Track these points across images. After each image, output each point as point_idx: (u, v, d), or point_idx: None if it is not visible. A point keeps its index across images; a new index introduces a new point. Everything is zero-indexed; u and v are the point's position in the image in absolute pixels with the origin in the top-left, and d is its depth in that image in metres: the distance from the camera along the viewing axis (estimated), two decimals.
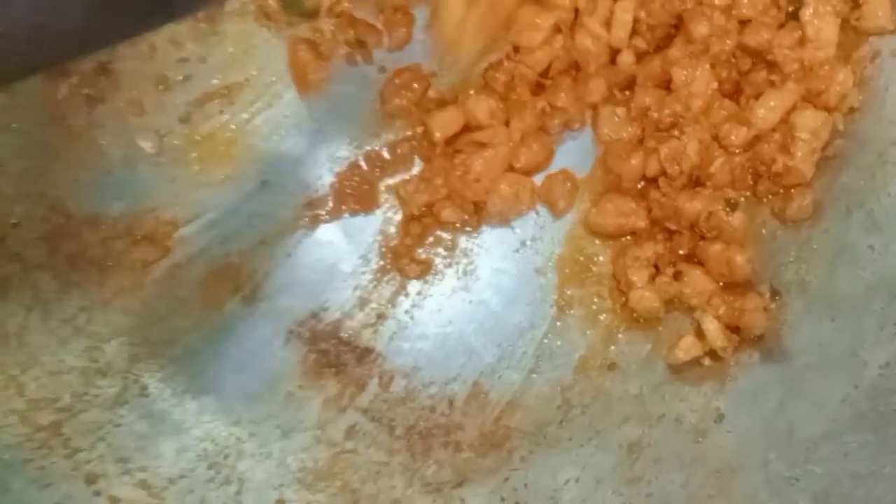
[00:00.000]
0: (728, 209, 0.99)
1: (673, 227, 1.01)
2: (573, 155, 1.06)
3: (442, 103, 1.03)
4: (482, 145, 1.03)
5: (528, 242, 1.05)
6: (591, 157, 1.05)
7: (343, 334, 1.02)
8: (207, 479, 0.97)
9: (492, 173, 1.03)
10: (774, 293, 1.01)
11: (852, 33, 1.01)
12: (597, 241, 1.05)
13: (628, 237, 1.03)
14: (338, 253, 1.04)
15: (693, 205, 0.99)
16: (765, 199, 1.02)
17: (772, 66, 1.00)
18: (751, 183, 1.02)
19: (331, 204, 1.04)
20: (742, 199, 1.01)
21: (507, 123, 1.03)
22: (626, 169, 1.02)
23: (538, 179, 1.05)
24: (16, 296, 0.97)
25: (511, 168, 1.04)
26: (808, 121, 0.99)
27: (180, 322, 1.00)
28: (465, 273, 1.05)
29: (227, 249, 1.02)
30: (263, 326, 1.02)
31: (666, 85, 1.01)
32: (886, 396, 0.93)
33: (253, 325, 1.01)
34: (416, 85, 1.03)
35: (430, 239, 1.04)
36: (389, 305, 1.04)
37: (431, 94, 1.04)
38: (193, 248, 1.02)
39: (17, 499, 0.93)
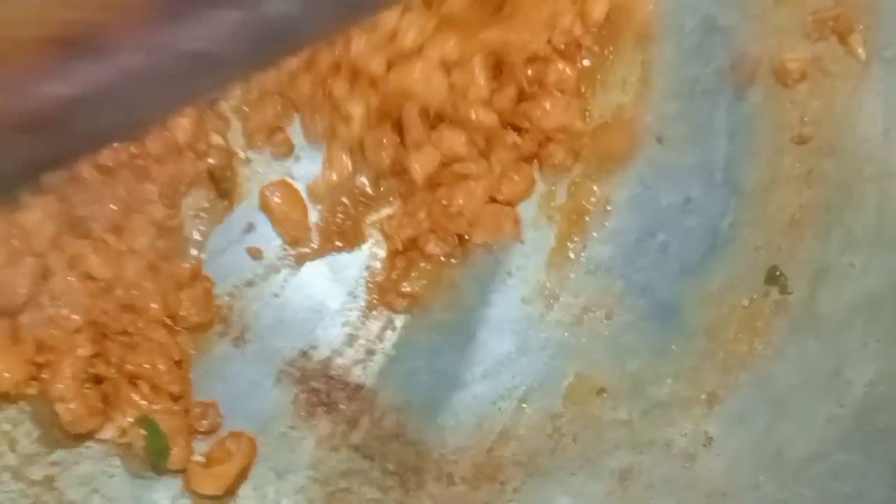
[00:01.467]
0: None
1: None
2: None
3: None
4: (463, 176, 1.03)
5: (514, 271, 1.06)
6: None
7: (333, 372, 1.02)
8: None
9: (474, 205, 1.03)
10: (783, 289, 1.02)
11: None
12: None
13: None
14: (325, 291, 1.04)
15: None
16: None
17: None
18: None
19: (316, 242, 1.04)
20: None
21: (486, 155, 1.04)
22: None
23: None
24: None
25: (493, 199, 1.04)
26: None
27: None
28: (451, 305, 1.05)
29: (216, 291, 1.03)
30: (254, 368, 1.02)
31: None
32: (872, 414, 0.95)
33: (243, 368, 1.02)
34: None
35: (415, 273, 1.05)
36: (378, 341, 1.04)
37: None
38: None
39: None
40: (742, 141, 1.04)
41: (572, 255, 1.06)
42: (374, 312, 1.04)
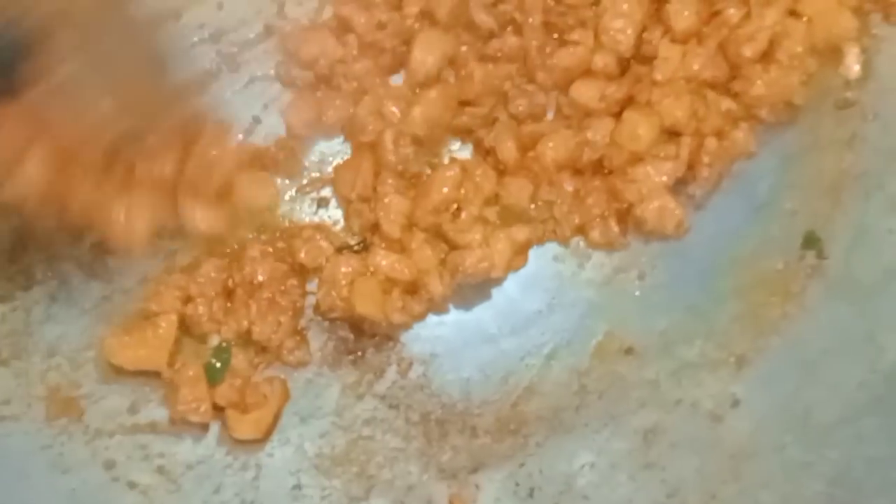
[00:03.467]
0: None
1: None
2: None
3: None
4: (639, 159, 1.01)
5: None
6: None
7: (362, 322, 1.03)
8: (225, 465, 0.99)
9: (650, 191, 1.01)
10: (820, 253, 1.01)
11: None
12: None
13: None
14: None
15: None
16: None
17: None
18: None
19: None
20: None
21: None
22: None
23: None
24: (39, 285, 1.00)
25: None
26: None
27: None
28: None
29: None
30: None
31: None
32: None
33: None
34: None
35: None
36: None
37: None
38: None
39: (35, 484, 0.95)
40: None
41: None
42: None
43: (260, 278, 1.00)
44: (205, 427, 0.98)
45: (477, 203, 1.00)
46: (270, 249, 1.01)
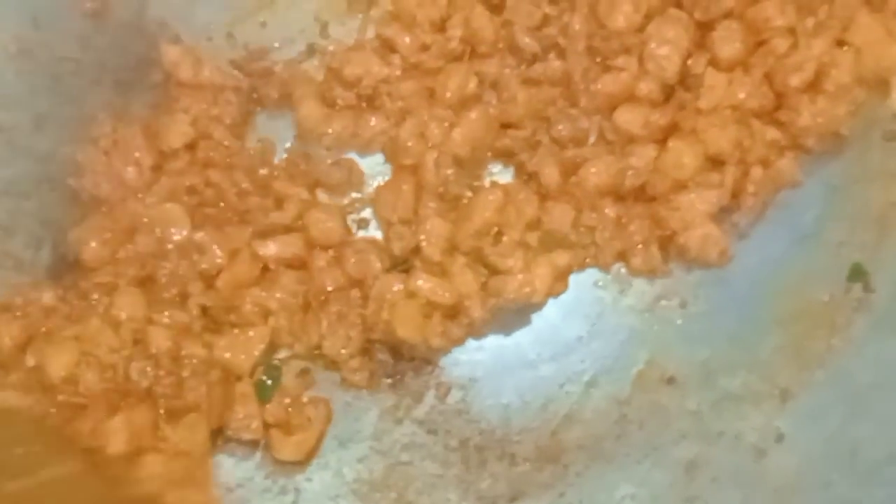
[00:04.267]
0: None
1: None
2: None
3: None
4: (683, 187, 1.01)
5: None
6: None
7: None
8: (264, 489, 0.98)
9: (693, 219, 1.00)
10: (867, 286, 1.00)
11: None
12: None
13: None
14: None
15: None
16: None
17: None
18: None
19: None
20: None
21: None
22: None
23: None
24: None
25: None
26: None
27: None
28: None
29: None
30: None
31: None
32: None
33: None
34: None
35: None
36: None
37: None
38: None
39: None
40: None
41: None
42: None
43: (329, 288, 1.00)
44: (255, 445, 0.98)
45: (518, 228, 0.99)
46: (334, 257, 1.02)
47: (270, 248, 1.00)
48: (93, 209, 1.00)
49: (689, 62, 1.02)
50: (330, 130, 1.04)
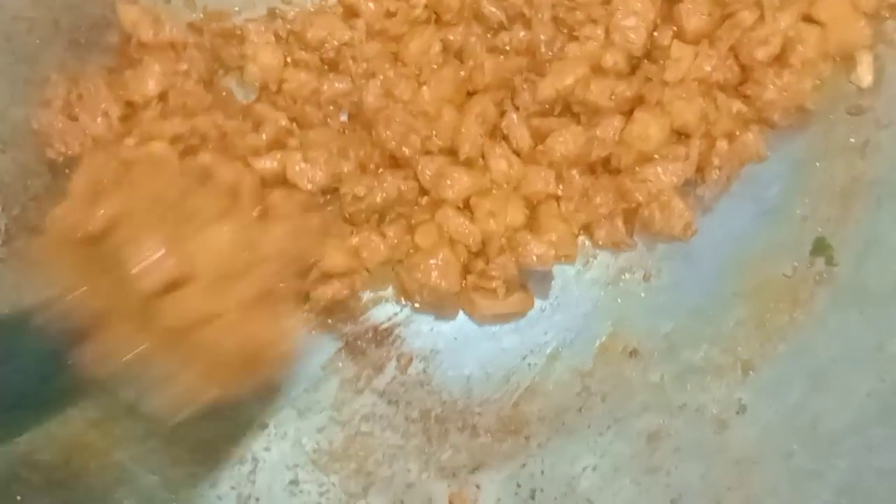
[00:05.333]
0: None
1: None
2: None
3: None
4: (650, 159, 1.00)
5: None
6: None
7: (362, 316, 1.01)
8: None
9: (660, 193, 1.00)
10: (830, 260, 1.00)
11: None
12: None
13: None
14: None
15: None
16: None
17: None
18: None
19: None
20: None
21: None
22: None
23: None
24: None
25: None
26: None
27: None
28: None
29: None
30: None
31: None
32: None
33: None
34: None
35: None
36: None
37: None
38: None
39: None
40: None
41: None
42: None
43: None
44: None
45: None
46: None
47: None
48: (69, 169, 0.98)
49: (656, 34, 1.01)
50: (291, 83, 1.02)
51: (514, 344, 1.01)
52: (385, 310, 1.01)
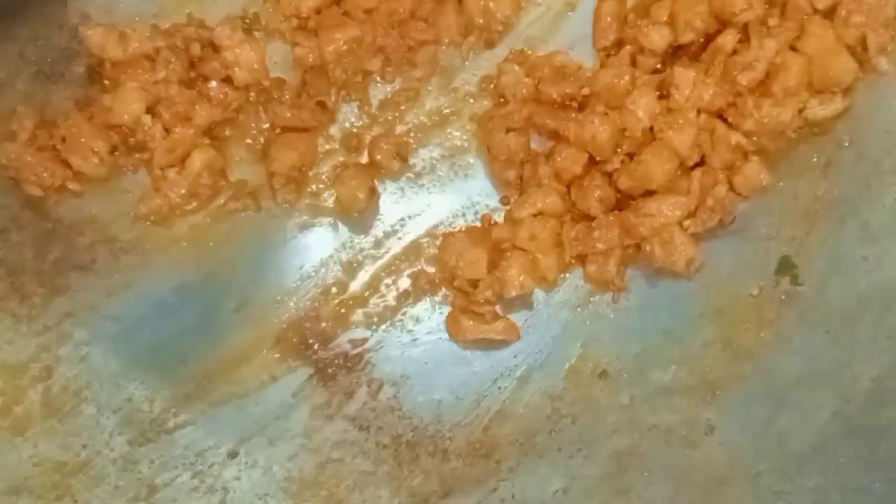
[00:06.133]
0: None
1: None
2: None
3: None
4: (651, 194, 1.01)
5: None
6: None
7: (333, 342, 1.01)
8: (191, 487, 0.96)
9: (664, 228, 0.99)
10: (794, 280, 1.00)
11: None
12: None
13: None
14: (328, 259, 1.03)
15: None
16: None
17: None
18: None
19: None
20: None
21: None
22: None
23: None
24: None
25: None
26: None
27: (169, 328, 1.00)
28: None
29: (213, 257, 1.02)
30: (253, 333, 1.01)
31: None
32: (878, 410, 0.93)
33: (243, 332, 1.00)
34: None
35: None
36: (380, 315, 1.02)
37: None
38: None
39: None
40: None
41: None
42: (381, 285, 1.03)
43: None
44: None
45: None
46: None
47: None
48: None
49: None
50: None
51: (485, 367, 1.01)
52: (355, 335, 1.01)
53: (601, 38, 1.05)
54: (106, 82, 1.01)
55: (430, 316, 1.02)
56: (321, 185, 1.03)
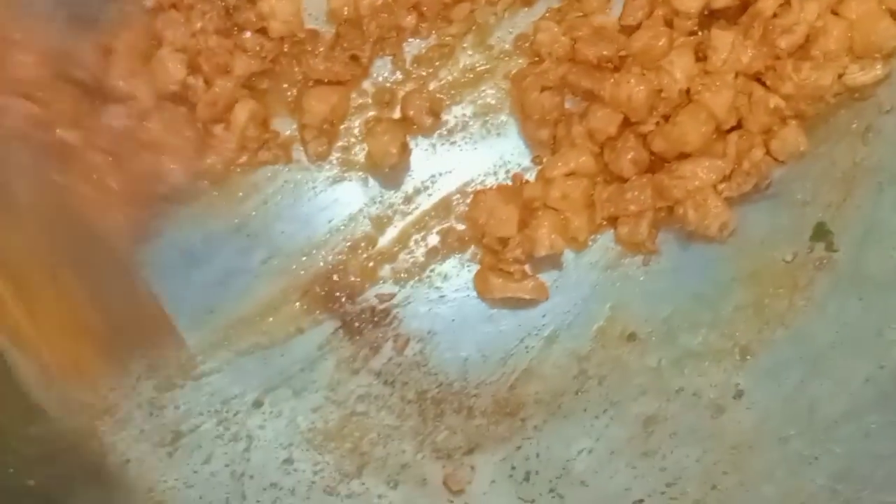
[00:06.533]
0: None
1: None
2: None
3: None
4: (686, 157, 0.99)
5: None
6: None
7: (360, 296, 1.01)
8: (216, 435, 0.97)
9: (699, 191, 0.97)
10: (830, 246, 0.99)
11: None
12: None
13: None
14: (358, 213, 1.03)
15: None
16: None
17: None
18: None
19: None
20: None
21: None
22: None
23: None
24: None
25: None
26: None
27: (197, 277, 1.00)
28: None
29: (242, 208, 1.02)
30: (281, 285, 1.00)
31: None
32: None
33: (271, 284, 1.00)
34: None
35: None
36: (409, 270, 1.02)
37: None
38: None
39: None
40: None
41: None
42: (409, 241, 1.03)
43: None
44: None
45: None
46: None
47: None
48: None
49: None
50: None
51: (512, 326, 1.01)
52: (382, 290, 1.01)
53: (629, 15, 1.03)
54: None
55: (458, 273, 1.01)
56: (353, 140, 1.02)
